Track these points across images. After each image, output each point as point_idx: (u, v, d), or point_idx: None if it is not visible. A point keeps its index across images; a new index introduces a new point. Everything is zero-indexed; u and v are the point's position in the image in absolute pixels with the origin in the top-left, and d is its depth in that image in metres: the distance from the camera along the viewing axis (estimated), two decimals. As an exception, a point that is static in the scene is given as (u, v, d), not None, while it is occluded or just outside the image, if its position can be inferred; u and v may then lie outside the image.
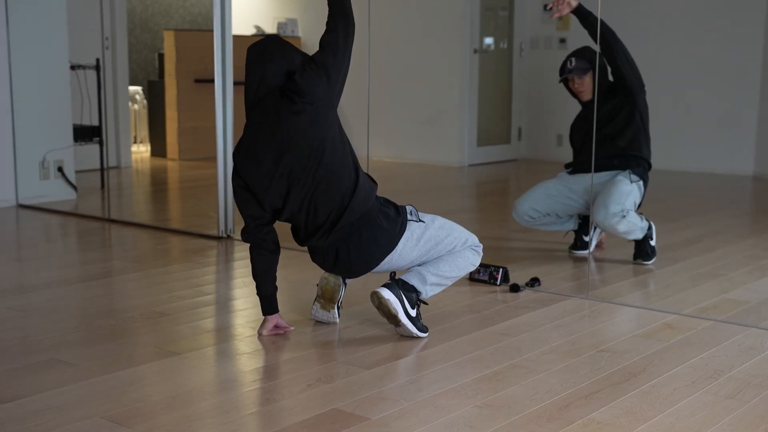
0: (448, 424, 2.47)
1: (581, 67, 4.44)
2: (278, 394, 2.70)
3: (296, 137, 3.02)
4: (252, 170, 3.07)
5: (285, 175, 3.05)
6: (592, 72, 4.43)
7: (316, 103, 3.03)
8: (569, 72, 4.45)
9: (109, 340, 3.19)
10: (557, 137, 6.89)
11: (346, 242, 3.14)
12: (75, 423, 2.46)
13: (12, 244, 4.97)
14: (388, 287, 3.17)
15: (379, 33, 4.87)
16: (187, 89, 8.19)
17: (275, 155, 3.04)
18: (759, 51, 6.78)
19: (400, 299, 3.16)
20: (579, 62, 4.45)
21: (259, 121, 3.07)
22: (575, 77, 4.46)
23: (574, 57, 4.47)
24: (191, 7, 8.91)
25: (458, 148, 8.02)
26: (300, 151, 3.03)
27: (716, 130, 6.86)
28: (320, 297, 3.36)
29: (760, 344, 3.20)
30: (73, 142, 6.28)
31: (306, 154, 3.03)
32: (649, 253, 4.43)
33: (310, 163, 3.04)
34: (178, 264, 4.44)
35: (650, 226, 4.45)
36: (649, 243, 4.43)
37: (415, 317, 3.21)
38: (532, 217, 4.52)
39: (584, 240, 4.63)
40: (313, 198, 3.07)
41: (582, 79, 4.44)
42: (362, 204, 3.10)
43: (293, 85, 3.03)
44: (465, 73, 8.05)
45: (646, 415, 2.56)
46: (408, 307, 3.18)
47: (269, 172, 3.05)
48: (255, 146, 3.07)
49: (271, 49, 3.09)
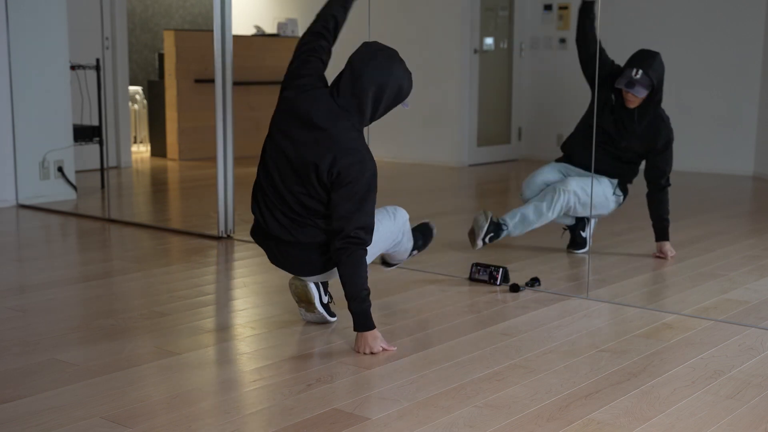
0: (448, 424, 2.47)
1: (644, 84, 4.27)
2: (278, 394, 2.70)
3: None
4: (292, 121, 3.11)
5: (297, 153, 3.08)
6: (651, 92, 4.30)
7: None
8: (629, 84, 4.26)
9: (109, 340, 3.19)
10: (557, 137, 6.88)
11: (289, 246, 3.21)
12: (75, 423, 2.46)
13: (12, 244, 4.96)
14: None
15: (379, 33, 4.87)
16: (187, 89, 8.19)
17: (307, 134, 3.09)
18: (759, 51, 6.78)
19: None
20: (644, 78, 4.26)
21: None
22: (630, 91, 4.29)
23: (642, 69, 4.25)
24: (191, 7, 8.92)
25: (458, 148, 8.02)
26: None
27: (716, 130, 6.85)
28: (299, 302, 3.37)
29: (760, 344, 3.20)
30: (73, 142, 6.29)
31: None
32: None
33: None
34: (178, 264, 4.44)
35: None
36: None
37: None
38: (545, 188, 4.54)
39: (582, 236, 4.64)
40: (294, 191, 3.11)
41: (636, 97, 4.32)
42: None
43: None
44: (465, 73, 8.05)
45: (646, 415, 2.56)
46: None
47: (296, 136, 3.09)
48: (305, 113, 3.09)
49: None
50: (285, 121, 3.13)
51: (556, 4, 7.44)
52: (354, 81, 3.06)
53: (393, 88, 3.09)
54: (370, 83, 3.05)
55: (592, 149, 4.26)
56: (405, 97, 3.15)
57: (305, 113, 3.08)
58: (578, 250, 4.63)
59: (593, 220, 4.67)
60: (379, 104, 3.10)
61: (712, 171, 6.78)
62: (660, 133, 4.37)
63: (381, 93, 3.08)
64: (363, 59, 3.08)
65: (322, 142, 3.04)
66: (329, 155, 3.02)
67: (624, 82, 4.29)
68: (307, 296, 3.33)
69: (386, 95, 3.09)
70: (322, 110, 3.07)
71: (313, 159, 3.04)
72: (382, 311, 3.53)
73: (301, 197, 3.11)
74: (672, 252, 4.51)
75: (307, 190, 3.09)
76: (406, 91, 3.14)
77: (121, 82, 7.50)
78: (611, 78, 4.40)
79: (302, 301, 3.35)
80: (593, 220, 4.67)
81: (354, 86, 3.06)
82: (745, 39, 6.85)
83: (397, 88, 3.11)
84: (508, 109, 8.12)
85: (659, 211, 4.47)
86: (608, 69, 4.42)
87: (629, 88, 4.28)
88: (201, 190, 6.77)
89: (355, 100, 3.07)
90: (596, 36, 4.39)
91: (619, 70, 4.39)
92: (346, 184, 3.01)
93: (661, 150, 4.40)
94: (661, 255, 4.50)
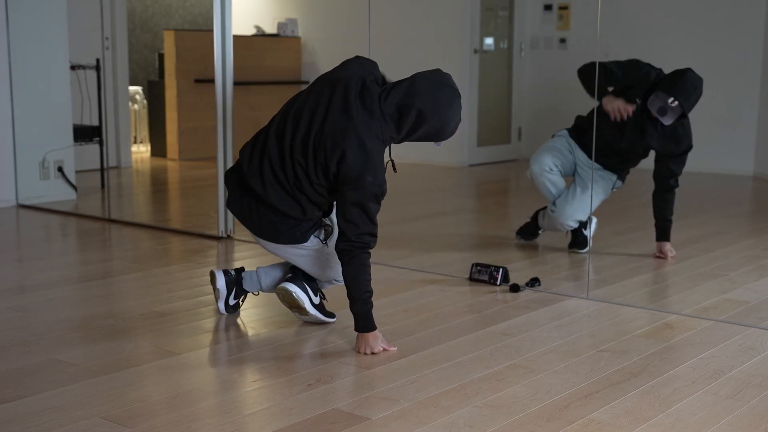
0: (448, 424, 2.47)
1: (676, 113, 4.23)
2: (278, 394, 2.70)
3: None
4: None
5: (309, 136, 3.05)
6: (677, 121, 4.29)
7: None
8: (661, 111, 4.22)
9: (109, 340, 3.19)
10: (557, 137, 6.88)
11: (264, 206, 3.16)
12: (75, 423, 2.46)
13: (12, 244, 4.96)
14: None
15: (379, 33, 4.87)
16: (187, 89, 8.19)
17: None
18: (759, 51, 6.78)
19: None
20: (678, 108, 4.21)
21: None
22: (658, 117, 4.25)
23: (678, 100, 4.18)
24: (191, 7, 8.92)
25: (458, 148, 8.02)
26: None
27: (716, 130, 6.85)
28: (290, 308, 3.36)
29: (760, 344, 3.20)
30: (73, 142, 6.28)
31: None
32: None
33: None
34: (178, 264, 4.44)
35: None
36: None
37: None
38: (551, 169, 4.58)
39: (584, 235, 4.64)
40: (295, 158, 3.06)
41: (658, 123, 4.30)
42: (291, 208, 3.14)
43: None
44: (465, 73, 8.04)
45: (646, 415, 2.56)
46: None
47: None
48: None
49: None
50: (327, 88, 3.06)
51: (556, 4, 7.44)
52: (406, 96, 2.99)
53: (436, 125, 3.02)
54: (419, 107, 2.98)
55: (598, 150, 4.29)
56: (443, 138, 3.08)
57: (349, 90, 3.01)
58: (580, 250, 4.63)
59: (594, 219, 4.68)
60: (417, 130, 3.03)
61: (712, 171, 6.77)
62: (682, 142, 4.38)
63: (423, 122, 3.01)
64: (428, 82, 3.01)
65: (346, 130, 2.97)
66: (343, 145, 2.96)
67: (656, 108, 4.25)
68: (296, 302, 3.30)
69: (427, 127, 3.02)
70: (365, 102, 3.00)
71: (330, 140, 2.98)
72: (382, 311, 3.53)
73: (298, 168, 3.04)
74: (672, 252, 4.51)
75: (307, 164, 3.03)
76: (448, 134, 3.07)
77: (121, 82, 7.50)
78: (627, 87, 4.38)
79: (293, 307, 3.33)
80: (594, 220, 4.69)
81: (404, 100, 2.99)
82: (745, 39, 6.85)
83: (440, 127, 3.03)
84: (508, 109, 8.11)
85: (664, 212, 4.47)
86: (616, 79, 4.39)
87: (660, 115, 4.24)
88: (201, 190, 6.77)
89: (397, 114, 3.00)
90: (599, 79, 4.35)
91: (646, 84, 4.31)
92: (350, 182, 2.97)
93: (679, 155, 4.41)
94: (661, 255, 4.50)
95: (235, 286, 3.48)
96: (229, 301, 3.49)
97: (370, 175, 2.97)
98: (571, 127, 4.70)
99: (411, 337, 3.26)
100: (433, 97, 2.99)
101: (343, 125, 2.98)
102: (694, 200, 6.21)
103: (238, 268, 3.51)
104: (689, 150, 4.41)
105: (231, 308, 3.51)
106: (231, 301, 3.49)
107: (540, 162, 4.59)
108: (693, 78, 4.22)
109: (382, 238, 3.27)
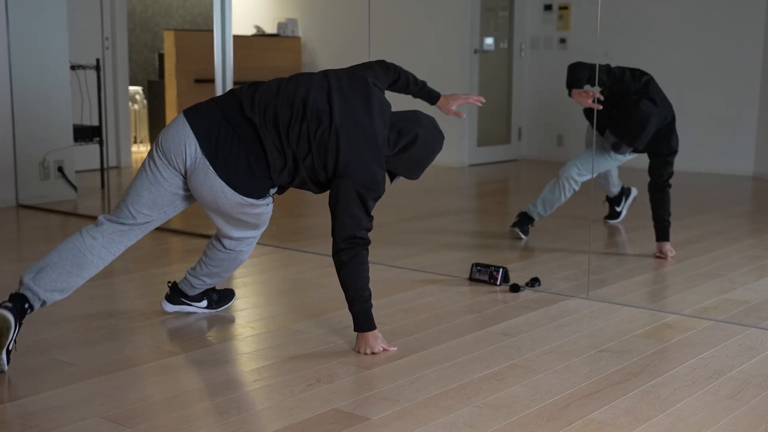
0: (448, 424, 2.47)
1: (628, 149, 4.46)
2: (278, 394, 2.70)
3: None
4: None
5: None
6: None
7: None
8: (616, 146, 4.46)
9: (109, 340, 3.19)
10: (557, 137, 6.89)
11: (243, 145, 2.96)
12: (75, 423, 2.46)
13: (12, 244, 4.96)
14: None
15: (379, 33, 4.87)
16: (187, 89, 8.19)
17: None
18: (759, 51, 6.78)
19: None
20: (625, 149, 4.46)
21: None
22: (614, 152, 4.52)
23: (623, 142, 4.42)
24: (191, 7, 8.92)
25: (458, 148, 8.02)
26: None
27: (716, 130, 6.85)
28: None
29: (760, 344, 3.20)
30: (73, 142, 6.28)
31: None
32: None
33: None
34: (178, 264, 4.44)
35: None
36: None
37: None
38: (580, 175, 4.69)
39: (617, 210, 5.18)
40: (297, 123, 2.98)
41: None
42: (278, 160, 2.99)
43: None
44: (465, 73, 8.04)
45: (646, 415, 2.56)
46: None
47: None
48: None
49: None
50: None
51: (556, 4, 7.44)
52: (409, 122, 3.08)
53: (415, 160, 3.11)
54: (416, 136, 3.06)
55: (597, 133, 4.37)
56: (408, 175, 3.19)
57: (373, 94, 3.08)
58: (612, 220, 5.21)
59: (634, 190, 5.12)
60: (403, 154, 3.09)
61: (712, 171, 6.78)
62: (664, 145, 4.42)
63: (410, 150, 3.08)
64: (434, 126, 3.13)
65: (354, 134, 2.97)
66: (356, 137, 2.97)
67: (611, 143, 4.48)
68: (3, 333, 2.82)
69: (411, 156, 3.09)
70: (384, 111, 3.07)
71: (335, 127, 2.95)
72: (382, 311, 3.53)
73: (291, 130, 2.96)
74: (672, 252, 4.51)
75: (300, 130, 2.96)
76: (412, 173, 3.18)
77: (121, 82, 7.50)
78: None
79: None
80: (634, 191, 5.16)
81: (405, 123, 3.07)
82: (744, 39, 6.85)
83: (414, 164, 3.13)
84: (508, 109, 8.11)
85: (661, 211, 4.48)
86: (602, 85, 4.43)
87: (615, 150, 4.50)
88: (201, 190, 6.76)
89: (392, 134, 3.06)
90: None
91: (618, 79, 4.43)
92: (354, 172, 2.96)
93: (663, 156, 4.43)
94: (661, 255, 4.50)
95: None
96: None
97: (376, 165, 3.00)
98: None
99: (411, 337, 3.26)
100: (432, 138, 3.11)
101: (354, 131, 2.99)
102: (694, 200, 6.21)
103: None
104: (674, 153, 4.45)
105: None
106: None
107: (567, 175, 4.73)
108: (641, 116, 4.31)
109: (383, 239, 3.28)
